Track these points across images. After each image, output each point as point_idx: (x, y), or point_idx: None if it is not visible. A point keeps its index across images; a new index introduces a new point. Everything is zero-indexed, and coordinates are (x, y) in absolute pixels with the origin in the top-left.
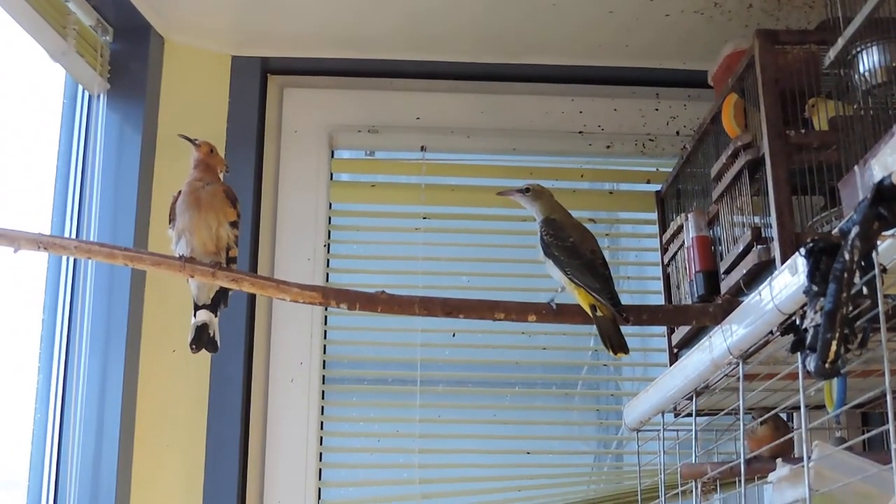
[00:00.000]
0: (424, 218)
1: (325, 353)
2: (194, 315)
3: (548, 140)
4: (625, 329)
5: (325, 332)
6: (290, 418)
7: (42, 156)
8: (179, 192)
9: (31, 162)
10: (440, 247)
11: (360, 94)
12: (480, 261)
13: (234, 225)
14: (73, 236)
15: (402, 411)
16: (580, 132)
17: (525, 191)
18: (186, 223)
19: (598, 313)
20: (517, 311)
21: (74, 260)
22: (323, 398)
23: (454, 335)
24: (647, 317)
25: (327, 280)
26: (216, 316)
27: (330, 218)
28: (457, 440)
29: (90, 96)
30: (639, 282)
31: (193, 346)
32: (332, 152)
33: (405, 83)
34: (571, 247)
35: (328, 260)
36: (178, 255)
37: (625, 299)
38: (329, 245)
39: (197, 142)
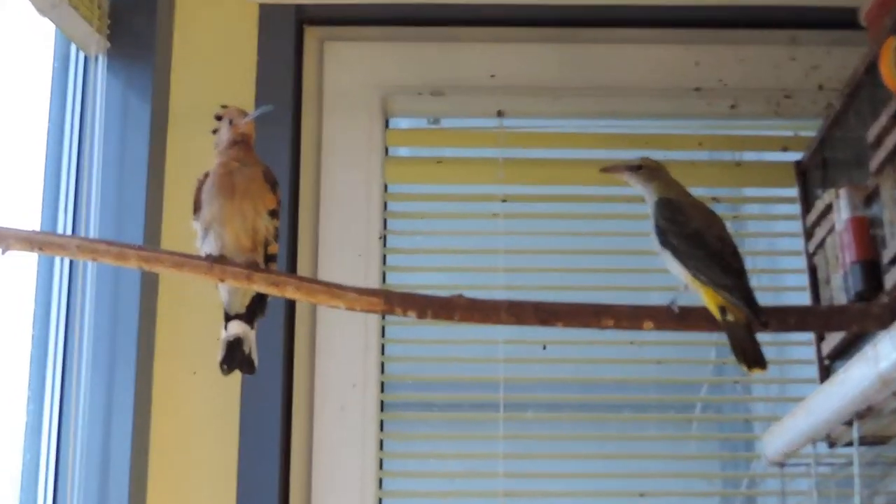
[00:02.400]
0: (504, 201)
1: (383, 372)
2: (225, 327)
3: (656, 100)
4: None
5: (383, 346)
6: (341, 455)
7: (28, 133)
8: (206, 174)
9: (15, 141)
10: (525, 236)
11: (419, 47)
12: (576, 253)
13: (273, 214)
14: (71, 232)
15: (481, 444)
16: (697, 89)
17: (636, 168)
18: (216, 213)
19: (729, 317)
20: (630, 317)
21: (70, 262)
22: (382, 429)
23: (545, 348)
24: (794, 321)
25: (384, 280)
26: (252, 328)
27: (386, 203)
28: (551, 480)
29: (86, 58)
30: (774, 276)
31: (224, 367)
32: (387, 121)
33: (476, 32)
34: (694, 234)
35: (384, 256)
36: (204, 255)
37: (757, 298)
38: (385, 237)
39: (231, 120)
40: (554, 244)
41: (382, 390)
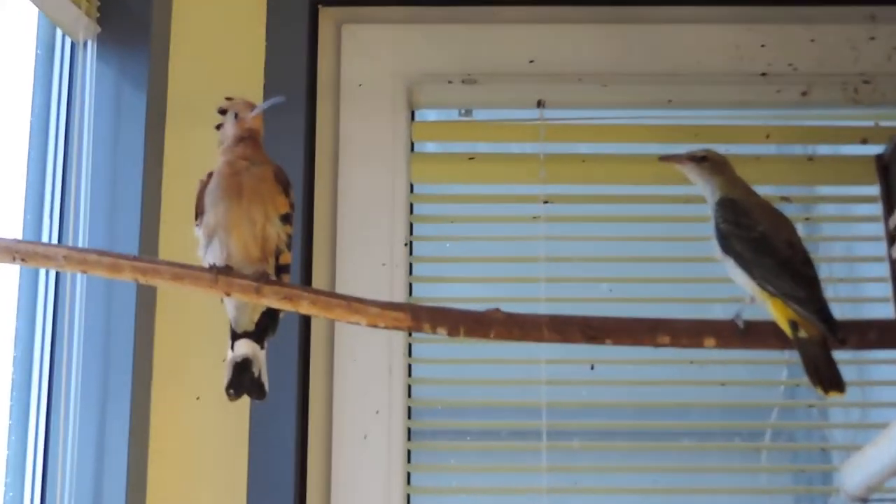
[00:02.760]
0: (545, 202)
1: (409, 396)
2: (232, 347)
3: (717, 87)
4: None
5: (410, 367)
6: (364, 489)
7: (8, 130)
8: (209, 174)
9: None
10: (569, 242)
11: (449, 29)
12: (628, 261)
13: (286, 219)
14: (57, 240)
15: (521, 477)
16: (763, 74)
17: (700, 160)
18: (221, 218)
19: (802, 333)
20: (689, 334)
21: (57, 275)
22: (409, 460)
23: (593, 368)
24: (875, 336)
25: (410, 293)
26: (262, 348)
27: (412, 205)
28: None
29: (73, 44)
30: (853, 286)
31: (231, 391)
32: (413, 113)
33: (513, 12)
34: (760, 238)
35: (411, 265)
36: (207, 265)
37: (833, 311)
38: (412, 244)
39: (237, 113)
40: (602, 251)
41: (409, 417)
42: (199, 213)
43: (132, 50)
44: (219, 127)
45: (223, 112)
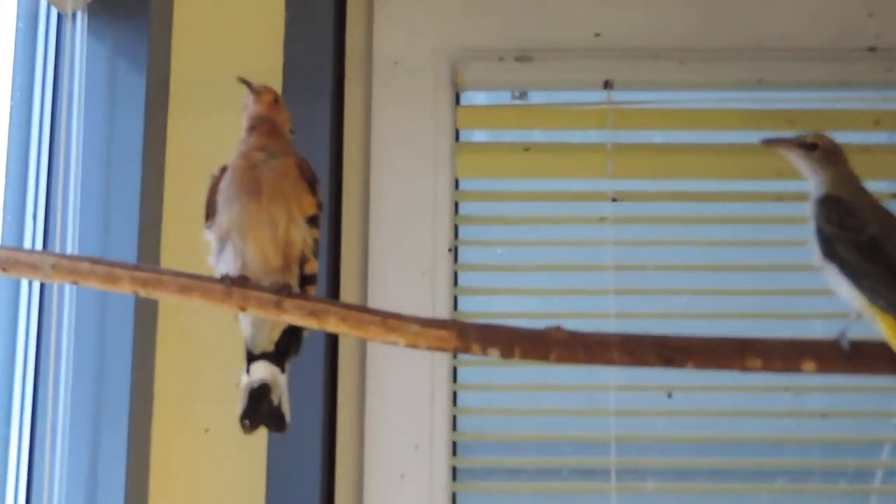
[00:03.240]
0: (614, 200)
1: (454, 429)
2: (247, 371)
3: (817, 65)
4: None
5: (455, 395)
6: None
7: None
8: (223, 168)
9: None
10: (641, 247)
11: None
12: (710, 269)
13: (312, 221)
14: (42, 246)
15: None
16: (871, 49)
17: (811, 147)
18: (236, 220)
19: None
20: (784, 356)
21: (42, 287)
22: (453, 503)
23: (671, 396)
24: None
25: (455, 306)
26: (283, 372)
27: (457, 204)
28: None
29: (60, 16)
30: None
31: (246, 422)
32: (458, 96)
33: None
34: (870, 242)
35: (456, 274)
36: (220, 276)
37: None
38: (457, 249)
39: (255, 87)
40: (681, 257)
41: (454, 453)
42: (211, 214)
43: (129, 23)
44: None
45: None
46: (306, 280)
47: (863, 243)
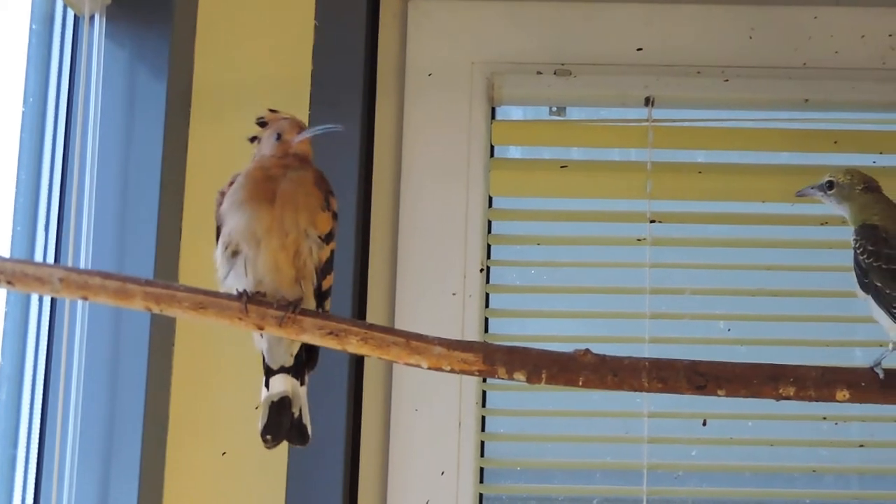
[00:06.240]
0: (653, 222)
1: (482, 455)
2: (266, 385)
3: (864, 84)
4: None
5: (483, 420)
6: None
7: None
8: (232, 180)
9: None
10: (680, 270)
11: (540, 8)
12: (750, 294)
13: (327, 238)
14: (54, 259)
15: None
16: None
17: (827, 187)
18: (244, 228)
19: None
20: (818, 384)
21: (53, 302)
22: None
23: (705, 424)
24: None
25: (486, 329)
26: (303, 384)
27: (490, 223)
28: None
29: (77, 18)
30: None
31: (268, 437)
32: (494, 110)
33: None
34: None
35: (487, 295)
36: (237, 292)
37: None
38: (489, 269)
39: (279, 133)
40: (720, 281)
41: (481, 480)
42: (219, 224)
43: (150, 26)
44: (254, 140)
45: (263, 125)
46: (322, 296)
47: (895, 272)
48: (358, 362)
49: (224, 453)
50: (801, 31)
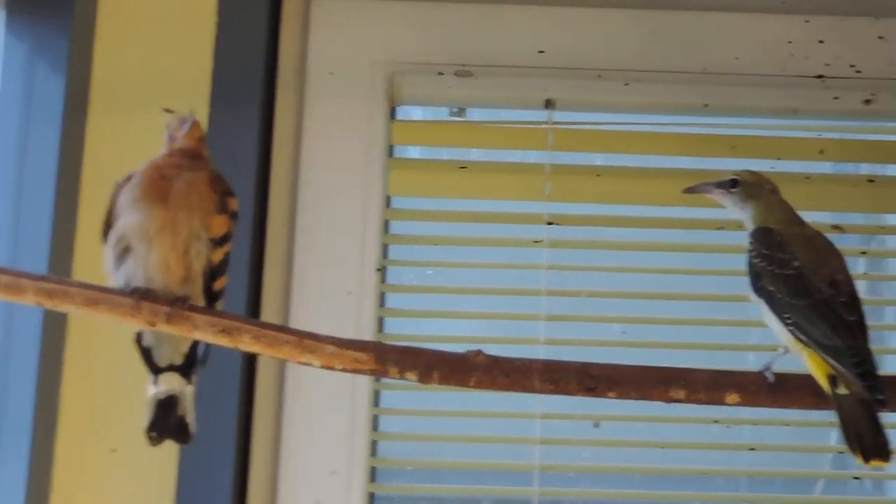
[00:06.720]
0: (550, 224)
1: (373, 454)
2: (154, 382)
3: (763, 90)
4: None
5: (376, 420)
6: None
7: None
8: (129, 176)
9: None
10: (576, 273)
11: (442, 9)
12: (646, 297)
13: (223, 241)
14: None
15: None
16: (819, 77)
17: (730, 185)
18: (136, 227)
19: (841, 390)
20: (708, 388)
21: None
22: None
23: (597, 426)
24: None
25: (381, 328)
26: (190, 383)
27: (387, 223)
28: None
29: None
30: None
31: (153, 434)
32: (394, 110)
33: None
34: (796, 276)
35: (383, 295)
36: (129, 288)
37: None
38: (385, 269)
39: (189, 120)
40: (616, 284)
41: (373, 479)
42: (109, 222)
43: (50, 21)
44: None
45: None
46: (214, 296)
47: (788, 276)
48: (251, 361)
49: (114, 450)
50: (702, 37)
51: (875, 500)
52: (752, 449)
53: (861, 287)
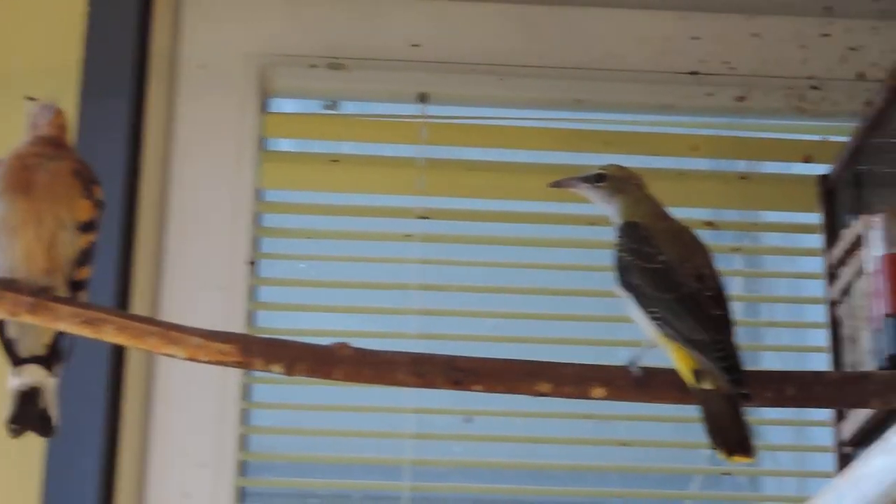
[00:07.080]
0: (422, 218)
1: (242, 449)
2: (16, 373)
3: (637, 87)
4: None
5: (245, 413)
6: None
7: None
8: None
9: None
10: (448, 268)
11: (314, 1)
12: (515, 292)
13: (88, 227)
14: None
15: None
16: (693, 73)
17: (597, 179)
18: (2, 217)
19: (705, 385)
20: (573, 382)
21: None
22: None
23: (469, 420)
24: (793, 392)
25: (253, 322)
26: (51, 374)
27: (259, 216)
28: None
29: None
30: (794, 332)
31: (14, 426)
32: (265, 102)
33: None
34: (662, 270)
35: (253, 288)
36: None
37: (768, 360)
38: (256, 263)
39: (51, 108)
40: (487, 279)
41: (242, 473)
42: None
43: None
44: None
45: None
46: (77, 285)
47: (654, 271)
48: (119, 353)
49: None
50: (576, 32)
51: (748, 496)
52: (624, 444)
53: (735, 284)
